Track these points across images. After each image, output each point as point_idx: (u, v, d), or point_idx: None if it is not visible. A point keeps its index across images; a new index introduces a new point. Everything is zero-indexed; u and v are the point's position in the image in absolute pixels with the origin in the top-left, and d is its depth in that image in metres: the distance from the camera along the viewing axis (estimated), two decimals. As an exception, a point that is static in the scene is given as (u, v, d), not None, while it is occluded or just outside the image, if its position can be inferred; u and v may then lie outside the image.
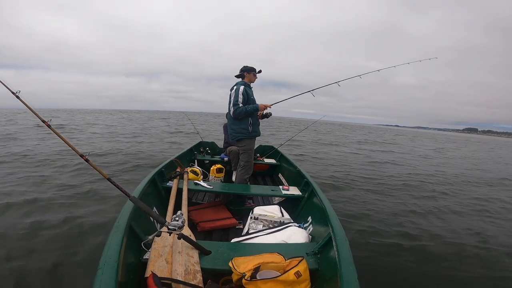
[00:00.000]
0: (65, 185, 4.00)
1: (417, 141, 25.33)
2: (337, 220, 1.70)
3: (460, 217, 3.95)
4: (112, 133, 13.01)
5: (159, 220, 1.60)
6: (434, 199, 4.76)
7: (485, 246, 2.99)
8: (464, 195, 5.33)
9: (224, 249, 1.57)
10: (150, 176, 2.36)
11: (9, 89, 1.55)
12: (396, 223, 3.41)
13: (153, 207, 2.12)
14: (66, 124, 17.20)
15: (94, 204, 3.32)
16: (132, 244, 1.43)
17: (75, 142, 8.78)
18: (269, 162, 4.30)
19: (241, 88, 2.67)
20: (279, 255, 1.40)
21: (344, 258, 1.28)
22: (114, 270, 1.07)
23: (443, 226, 3.48)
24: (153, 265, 1.29)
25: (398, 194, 4.87)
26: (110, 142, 9.36)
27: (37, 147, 7.47)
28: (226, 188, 2.73)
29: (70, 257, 2.20)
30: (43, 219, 2.83)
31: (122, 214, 1.54)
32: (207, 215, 2.46)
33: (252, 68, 2.83)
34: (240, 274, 1.25)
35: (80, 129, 14.19)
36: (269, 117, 3.02)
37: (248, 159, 2.83)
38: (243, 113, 2.66)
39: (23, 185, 3.93)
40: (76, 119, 23.67)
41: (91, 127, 16.18)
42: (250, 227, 2.08)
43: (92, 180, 4.26)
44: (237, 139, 2.82)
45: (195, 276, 1.28)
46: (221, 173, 3.62)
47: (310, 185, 2.52)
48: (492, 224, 3.75)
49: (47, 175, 4.56)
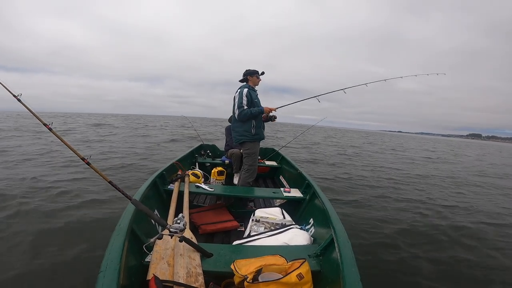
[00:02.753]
0: (66, 187, 4.00)
1: (456, 148, 24.34)
2: (339, 221, 1.70)
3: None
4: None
5: (160, 222, 1.59)
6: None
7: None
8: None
9: (225, 251, 1.56)
10: (151, 179, 2.36)
11: (10, 92, 1.55)
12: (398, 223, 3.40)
13: (154, 210, 2.12)
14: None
15: (95, 207, 3.32)
16: (134, 247, 1.43)
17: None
18: (270, 164, 4.30)
19: (245, 91, 2.68)
20: (281, 257, 1.40)
21: (347, 259, 1.27)
22: (116, 273, 1.07)
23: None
24: (155, 268, 1.28)
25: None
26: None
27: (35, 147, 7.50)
28: (227, 190, 2.73)
29: (71, 260, 2.20)
30: (43, 221, 2.83)
31: (124, 217, 1.54)
32: (209, 217, 2.45)
33: (254, 70, 2.83)
34: (242, 276, 1.25)
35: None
36: (274, 120, 3.00)
37: (252, 163, 2.82)
38: (248, 115, 2.66)
39: (23, 185, 3.95)
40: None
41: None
42: (251, 230, 2.08)
43: (93, 182, 4.26)
44: (240, 142, 2.82)
45: (197, 278, 1.27)
46: (222, 175, 3.61)
47: (312, 187, 2.51)
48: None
49: (47, 176, 4.57)
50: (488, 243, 3.11)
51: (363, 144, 19.21)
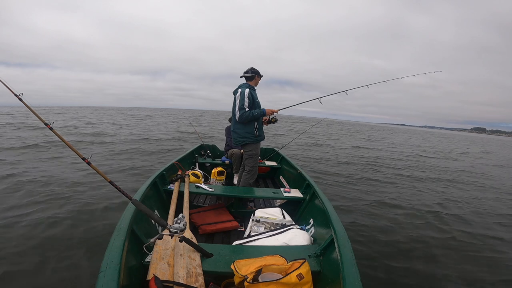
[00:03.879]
0: (66, 187, 4.00)
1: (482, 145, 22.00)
2: (339, 222, 1.70)
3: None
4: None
5: (160, 223, 1.59)
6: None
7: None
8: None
9: (225, 251, 1.56)
10: (151, 179, 2.36)
11: (12, 91, 1.54)
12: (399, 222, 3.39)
13: (154, 210, 2.12)
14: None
15: (95, 207, 3.31)
16: (134, 247, 1.43)
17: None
18: (270, 164, 4.30)
19: (247, 92, 2.62)
20: (281, 258, 1.40)
21: (347, 259, 1.27)
22: (116, 273, 1.07)
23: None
24: (155, 268, 1.28)
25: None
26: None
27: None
28: (227, 190, 2.73)
29: (71, 260, 2.19)
30: (43, 221, 2.83)
31: (124, 217, 1.54)
32: (209, 218, 2.45)
33: (259, 72, 2.81)
34: (242, 276, 1.25)
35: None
36: (275, 122, 2.98)
37: (254, 164, 2.81)
38: (250, 118, 2.62)
39: (22, 186, 3.94)
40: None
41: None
42: (251, 230, 2.08)
43: (93, 183, 4.26)
44: (242, 143, 2.77)
45: (197, 279, 1.27)
46: (222, 176, 3.61)
47: (312, 187, 2.51)
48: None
49: (47, 176, 4.56)
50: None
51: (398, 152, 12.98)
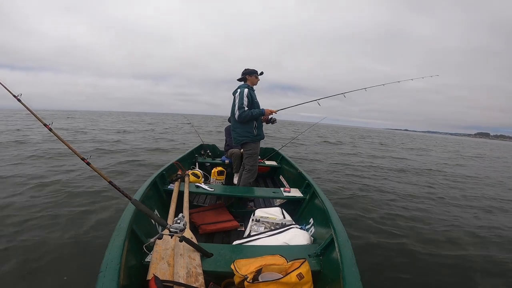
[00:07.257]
0: (66, 187, 4.00)
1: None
2: (339, 221, 1.69)
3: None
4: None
5: (160, 222, 1.59)
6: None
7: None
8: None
9: (225, 251, 1.56)
10: (151, 179, 2.36)
11: (10, 92, 1.54)
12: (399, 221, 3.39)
13: (154, 210, 2.12)
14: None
15: (95, 207, 3.31)
16: (134, 247, 1.43)
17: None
18: (270, 164, 4.30)
19: (246, 91, 2.62)
20: (281, 257, 1.39)
21: (347, 259, 1.27)
22: (116, 273, 1.07)
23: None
24: (155, 268, 1.28)
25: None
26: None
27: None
28: (227, 190, 2.73)
29: (71, 260, 2.20)
30: (42, 221, 2.83)
31: (124, 217, 1.54)
32: (209, 217, 2.45)
33: (253, 70, 2.79)
34: (242, 276, 1.25)
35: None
36: (274, 123, 2.97)
37: (253, 163, 2.81)
38: (249, 117, 2.63)
39: (22, 188, 3.95)
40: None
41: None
42: (251, 229, 2.07)
43: (93, 183, 4.26)
44: (242, 143, 2.78)
45: (197, 278, 1.27)
46: (222, 175, 3.61)
47: (312, 187, 2.51)
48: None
49: (48, 177, 4.57)
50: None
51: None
